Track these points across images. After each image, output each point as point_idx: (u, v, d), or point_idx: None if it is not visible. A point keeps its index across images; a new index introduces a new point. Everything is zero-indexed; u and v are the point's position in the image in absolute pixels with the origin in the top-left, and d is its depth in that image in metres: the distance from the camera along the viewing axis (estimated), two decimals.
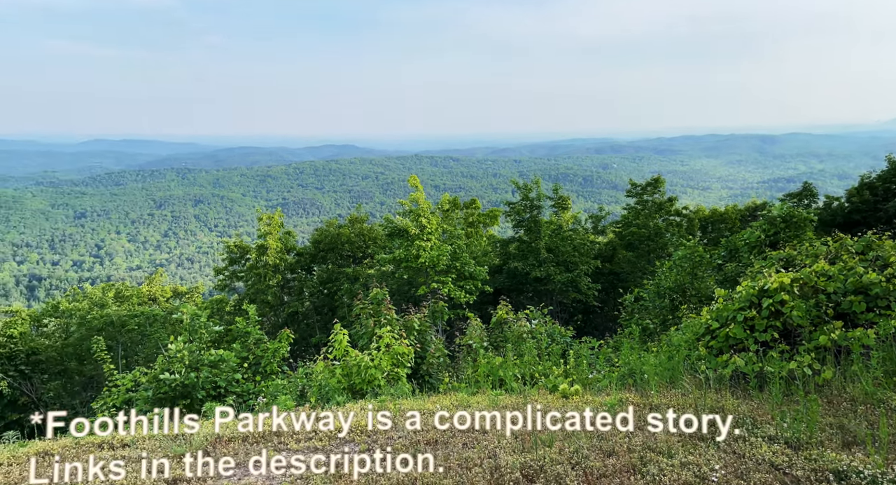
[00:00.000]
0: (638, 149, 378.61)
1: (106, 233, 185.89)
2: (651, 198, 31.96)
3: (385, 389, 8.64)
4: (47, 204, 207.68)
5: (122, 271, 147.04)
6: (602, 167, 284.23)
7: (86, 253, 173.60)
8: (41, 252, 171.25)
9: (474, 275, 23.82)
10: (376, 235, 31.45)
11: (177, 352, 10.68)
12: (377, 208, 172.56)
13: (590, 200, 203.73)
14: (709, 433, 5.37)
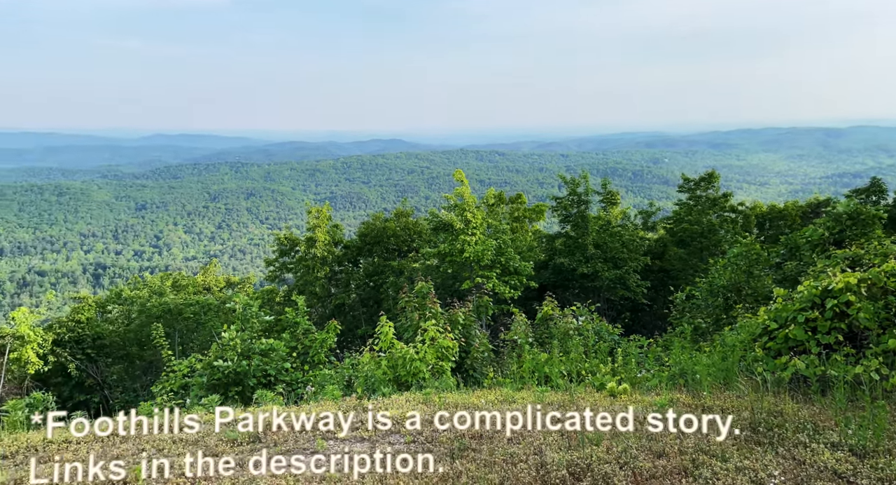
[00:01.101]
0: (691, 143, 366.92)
1: (164, 224, 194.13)
2: (705, 193, 30.87)
3: (430, 382, 8.69)
4: (111, 196, 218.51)
5: (179, 261, 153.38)
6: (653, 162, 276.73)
7: (146, 243, 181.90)
8: (105, 242, 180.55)
9: (519, 270, 23.62)
10: (421, 229, 31.62)
11: (230, 340, 11.02)
12: (422, 203, 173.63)
13: (639, 195, 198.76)
14: (766, 437, 5.15)
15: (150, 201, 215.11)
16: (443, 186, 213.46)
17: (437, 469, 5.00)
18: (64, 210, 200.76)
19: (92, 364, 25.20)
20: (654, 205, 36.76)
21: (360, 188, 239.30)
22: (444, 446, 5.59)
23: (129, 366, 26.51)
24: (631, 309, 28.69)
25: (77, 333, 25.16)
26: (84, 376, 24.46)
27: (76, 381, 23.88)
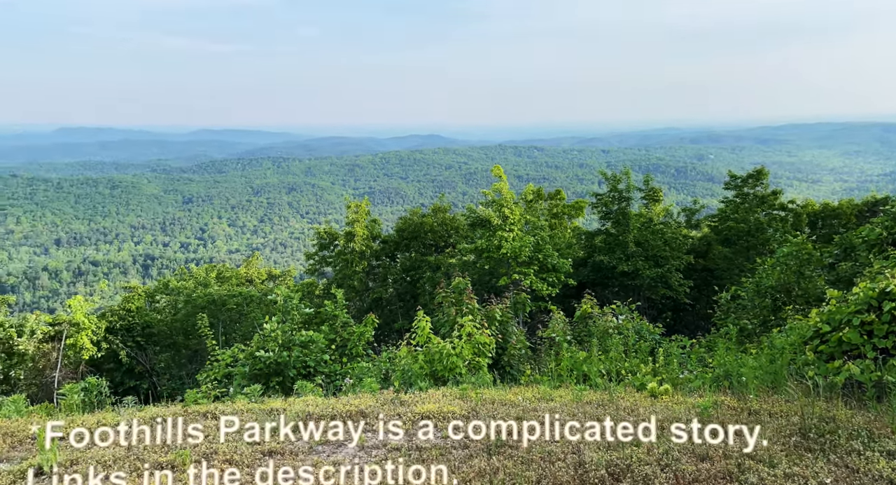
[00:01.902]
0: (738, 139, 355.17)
1: (209, 217, 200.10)
2: (752, 190, 29.81)
3: (466, 377, 8.69)
4: (160, 189, 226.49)
5: (223, 254, 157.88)
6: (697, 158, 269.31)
7: (191, 236, 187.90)
8: (154, 234, 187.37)
9: (557, 267, 23.37)
10: (458, 224, 31.61)
11: (271, 331, 11.27)
12: (459, 198, 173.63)
13: (683, 192, 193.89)
14: (817, 444, 4.96)
15: (196, 195, 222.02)
16: (480, 181, 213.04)
17: (473, 465, 5.00)
18: (116, 203, 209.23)
19: (141, 352, 26.22)
20: (699, 202, 35.71)
21: (398, 183, 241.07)
22: (481, 441, 5.59)
23: (175, 354, 27.46)
24: (672, 308, 28.02)
25: (128, 322, 26.21)
26: (134, 362, 25.47)
27: (126, 367, 24.90)
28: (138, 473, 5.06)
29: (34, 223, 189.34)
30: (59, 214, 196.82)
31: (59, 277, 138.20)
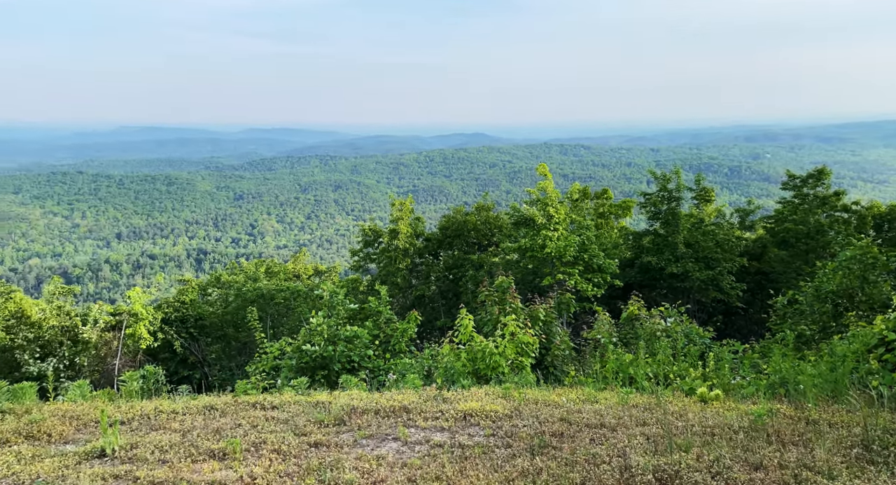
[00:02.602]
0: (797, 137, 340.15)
1: (259, 214, 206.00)
2: (812, 191, 28.43)
3: (509, 376, 8.65)
4: (213, 186, 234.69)
5: (271, 249, 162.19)
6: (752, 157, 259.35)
7: (242, 231, 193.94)
8: (207, 229, 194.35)
9: (603, 268, 22.95)
10: (502, 223, 31.45)
11: (317, 326, 11.50)
12: (503, 197, 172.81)
13: (736, 192, 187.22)
14: (880, 456, 4.69)
15: (246, 192, 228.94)
16: (525, 180, 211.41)
17: (516, 464, 4.96)
18: (172, 199, 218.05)
19: (194, 342, 27.25)
20: (753, 203, 34.33)
21: (442, 182, 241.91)
22: (524, 441, 5.54)
23: (225, 346, 28.39)
24: (724, 312, 27.07)
25: (182, 313, 27.27)
26: (187, 353, 26.49)
27: (180, 357, 25.93)
28: (192, 458, 5.26)
29: (98, 218, 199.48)
30: (120, 209, 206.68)
31: (120, 269, 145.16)
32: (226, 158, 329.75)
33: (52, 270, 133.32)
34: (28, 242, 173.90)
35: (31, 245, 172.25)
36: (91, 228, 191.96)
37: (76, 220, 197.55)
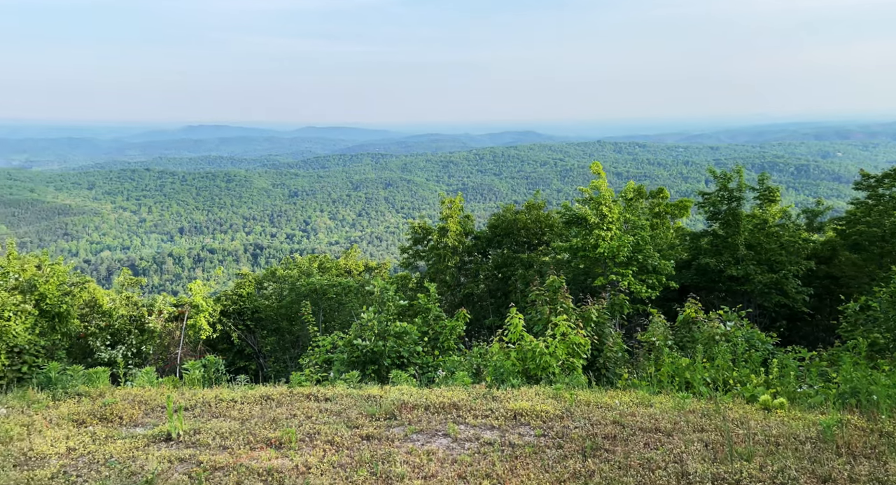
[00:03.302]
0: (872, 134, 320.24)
1: (312, 211, 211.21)
2: (889, 191, 26.67)
3: (560, 377, 8.53)
4: (269, 183, 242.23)
5: (324, 245, 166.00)
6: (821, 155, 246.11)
7: (296, 227, 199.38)
8: (263, 225, 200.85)
9: (658, 269, 22.26)
10: (553, 222, 31.00)
11: (368, 321, 11.68)
12: (554, 195, 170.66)
13: (803, 192, 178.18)
14: None
15: (300, 189, 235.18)
16: (577, 178, 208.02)
17: (568, 466, 4.89)
18: (231, 195, 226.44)
19: (250, 334, 28.23)
20: (822, 203, 32.48)
21: (491, 180, 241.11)
22: (576, 442, 5.46)
23: (280, 338, 29.27)
24: (787, 317, 25.78)
25: (239, 306, 28.30)
26: (244, 344, 27.48)
27: (237, 348, 26.92)
28: (251, 446, 5.45)
29: (162, 213, 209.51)
30: (183, 205, 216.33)
31: (182, 262, 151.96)
32: (282, 156, 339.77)
33: (121, 262, 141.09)
34: (100, 236, 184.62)
35: (102, 238, 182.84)
36: (156, 223, 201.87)
37: (143, 215, 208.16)
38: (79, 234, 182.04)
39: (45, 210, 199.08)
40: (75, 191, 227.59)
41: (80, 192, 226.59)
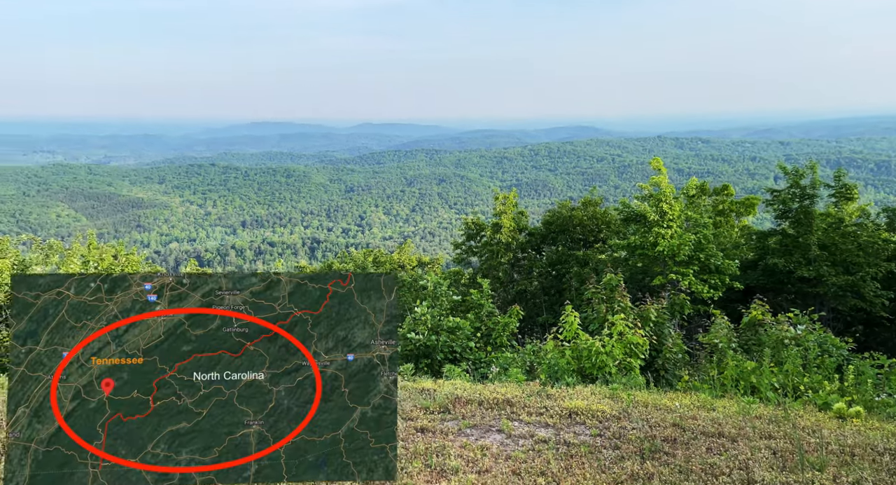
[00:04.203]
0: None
1: (367, 206, 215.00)
2: None
3: (616, 377, 8.35)
4: (326, 179, 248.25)
5: (378, 240, 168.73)
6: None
7: (352, 222, 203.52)
8: (320, 219, 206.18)
9: (721, 269, 21.39)
10: (610, 219, 30.31)
11: (421, 315, 11.79)
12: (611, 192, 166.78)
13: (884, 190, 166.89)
14: None
15: (356, 185, 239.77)
16: (635, 175, 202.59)
17: (625, 467, 4.78)
18: (290, 190, 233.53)
19: None
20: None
21: (546, 176, 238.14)
22: (633, 444, 5.33)
23: None
24: (864, 322, 24.22)
25: None
26: None
27: None
28: None
29: (226, 207, 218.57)
30: (245, 199, 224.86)
31: (244, 254, 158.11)
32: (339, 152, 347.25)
33: (188, 253, 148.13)
34: (169, 228, 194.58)
35: (171, 230, 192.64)
36: (220, 216, 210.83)
37: (208, 208, 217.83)
38: (150, 226, 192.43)
39: (121, 203, 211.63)
40: (147, 185, 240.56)
41: (152, 186, 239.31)
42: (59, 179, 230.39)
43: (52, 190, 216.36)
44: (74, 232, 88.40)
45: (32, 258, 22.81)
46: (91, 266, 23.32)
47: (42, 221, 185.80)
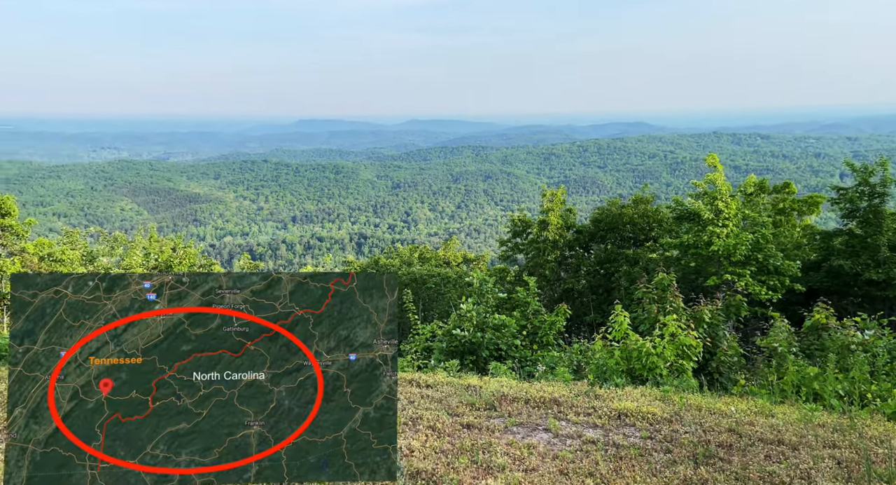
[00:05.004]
0: None
1: (413, 202, 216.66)
2: None
3: (668, 379, 8.11)
4: (374, 175, 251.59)
5: (423, 236, 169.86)
6: None
7: (398, 218, 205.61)
8: (367, 215, 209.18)
9: (781, 270, 20.47)
10: (661, 217, 29.50)
11: (466, 312, 11.77)
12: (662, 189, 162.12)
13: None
14: None
15: (403, 181, 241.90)
16: (688, 172, 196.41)
17: (678, 471, 4.64)
18: (339, 186, 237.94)
19: None
20: None
21: (595, 172, 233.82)
22: (686, 448, 5.16)
23: None
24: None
25: None
26: None
27: None
28: None
29: (277, 202, 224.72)
30: (296, 195, 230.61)
31: (294, 249, 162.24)
32: (386, 149, 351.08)
33: (241, 247, 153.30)
34: (223, 222, 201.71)
35: (225, 224, 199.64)
36: (271, 212, 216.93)
37: (260, 203, 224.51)
38: (206, 220, 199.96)
39: (179, 198, 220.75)
40: (203, 180, 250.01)
41: (208, 181, 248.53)
42: (123, 174, 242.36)
43: (116, 185, 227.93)
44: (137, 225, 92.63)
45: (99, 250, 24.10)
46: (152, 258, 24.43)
47: (108, 214, 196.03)
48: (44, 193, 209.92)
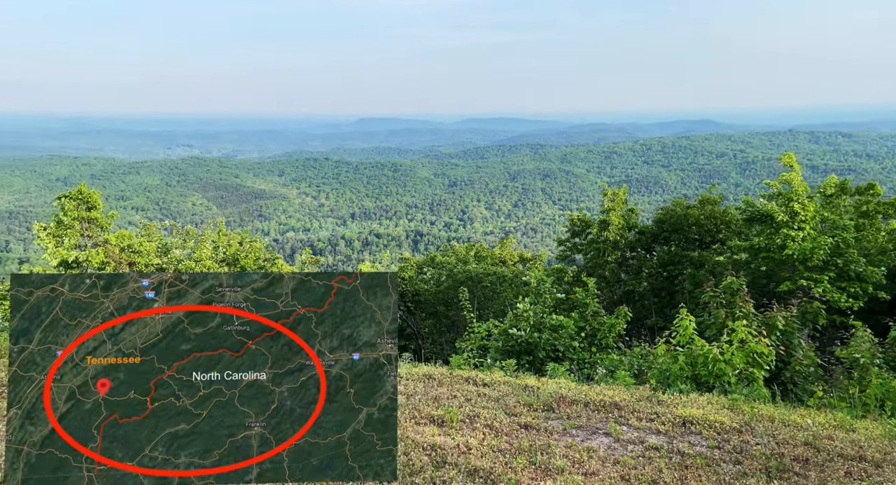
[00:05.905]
0: None
1: (470, 200, 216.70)
2: None
3: (736, 387, 7.74)
4: (430, 173, 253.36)
5: (479, 235, 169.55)
6: None
7: (454, 216, 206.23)
8: (423, 213, 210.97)
9: (863, 276, 19.10)
10: (730, 218, 28.15)
11: (523, 311, 11.65)
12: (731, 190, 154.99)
13: None
14: None
15: (459, 179, 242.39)
16: (760, 172, 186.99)
17: (748, 484, 4.41)
18: (396, 184, 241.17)
19: (410, 316, 29.88)
20: None
21: (658, 172, 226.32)
22: (758, 460, 4.91)
23: (436, 322, 30.58)
24: None
25: (401, 289, 30.12)
26: (404, 325, 29.19)
27: (399, 328, 28.71)
28: (416, 421, 5.74)
29: (337, 199, 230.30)
30: (355, 192, 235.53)
31: (352, 245, 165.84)
32: (444, 147, 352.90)
33: (303, 242, 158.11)
34: (286, 218, 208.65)
35: (288, 220, 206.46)
36: (332, 208, 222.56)
37: (322, 200, 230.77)
38: (270, 216, 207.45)
39: (246, 194, 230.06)
40: (268, 177, 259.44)
41: (272, 178, 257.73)
42: (194, 170, 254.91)
43: (188, 181, 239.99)
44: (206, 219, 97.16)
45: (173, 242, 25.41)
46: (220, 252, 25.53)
47: (181, 208, 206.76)
48: (124, 187, 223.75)
